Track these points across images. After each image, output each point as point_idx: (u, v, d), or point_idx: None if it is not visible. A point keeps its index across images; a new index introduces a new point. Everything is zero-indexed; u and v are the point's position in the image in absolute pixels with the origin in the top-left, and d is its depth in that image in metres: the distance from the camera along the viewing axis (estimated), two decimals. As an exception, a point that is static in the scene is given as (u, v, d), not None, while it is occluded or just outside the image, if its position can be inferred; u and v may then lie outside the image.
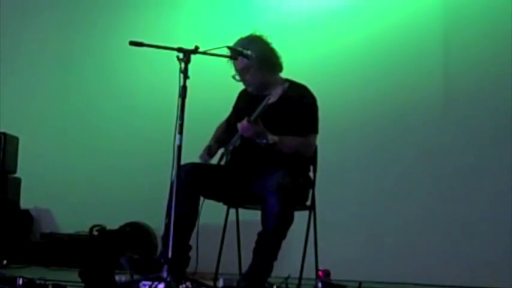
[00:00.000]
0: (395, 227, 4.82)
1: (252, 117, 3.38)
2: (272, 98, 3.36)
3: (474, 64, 4.85)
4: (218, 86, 4.94)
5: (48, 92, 5.90)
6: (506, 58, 4.75)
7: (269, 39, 3.66)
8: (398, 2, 5.12)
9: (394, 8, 5.10)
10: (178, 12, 5.67)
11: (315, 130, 3.60)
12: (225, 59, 3.55)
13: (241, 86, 3.80)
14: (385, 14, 5.12)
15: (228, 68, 3.67)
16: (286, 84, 3.48)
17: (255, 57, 3.49)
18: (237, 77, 3.65)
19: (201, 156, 3.71)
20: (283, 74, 3.70)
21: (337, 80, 5.08)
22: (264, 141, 3.40)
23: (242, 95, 3.85)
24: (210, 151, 3.75)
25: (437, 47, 4.95)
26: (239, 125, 3.45)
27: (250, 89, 3.68)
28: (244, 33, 3.63)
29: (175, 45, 3.07)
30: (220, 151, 3.78)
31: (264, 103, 3.36)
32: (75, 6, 5.96)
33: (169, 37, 3.95)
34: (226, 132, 3.80)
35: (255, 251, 3.32)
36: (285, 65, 3.68)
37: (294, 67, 3.76)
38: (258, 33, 3.64)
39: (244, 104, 3.72)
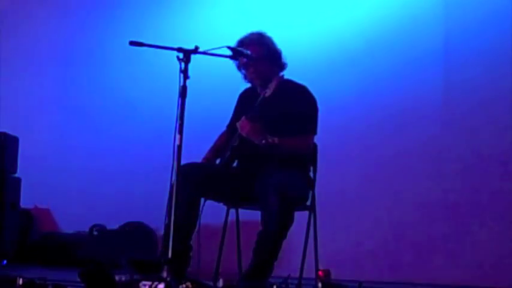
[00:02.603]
0: (396, 227, 4.82)
1: (250, 115, 3.39)
2: (268, 91, 3.37)
3: (474, 62, 4.84)
4: (218, 86, 4.96)
5: (48, 92, 5.90)
6: (507, 56, 4.75)
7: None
8: (399, 4, 5.11)
9: (394, 6, 5.09)
10: (178, 12, 5.67)
11: (313, 131, 3.60)
12: (225, 59, 3.56)
13: (241, 88, 3.80)
14: (386, 12, 5.11)
15: (228, 67, 3.67)
16: (282, 76, 3.48)
17: (258, 54, 3.51)
18: (243, 71, 3.66)
19: None
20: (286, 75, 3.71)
21: (337, 80, 5.07)
22: (264, 141, 3.40)
23: (242, 97, 3.85)
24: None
25: (437, 45, 4.94)
26: (238, 124, 3.46)
27: (254, 83, 3.67)
28: (244, 33, 3.65)
29: (175, 45, 3.07)
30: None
31: (260, 98, 3.37)
32: (75, 6, 5.95)
33: (169, 37, 3.94)
34: (227, 138, 3.79)
35: (255, 251, 3.32)
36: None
37: (292, 66, 3.76)
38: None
39: (244, 106, 3.71)
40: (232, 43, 3.56)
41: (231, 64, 3.67)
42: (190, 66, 3.04)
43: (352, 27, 5.16)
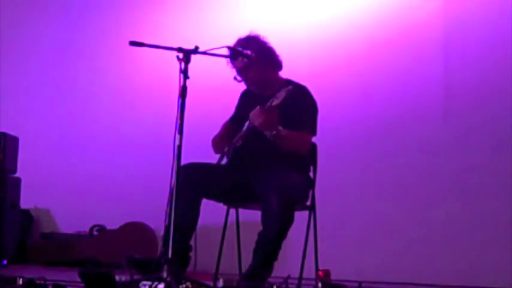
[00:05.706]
0: (396, 227, 4.82)
1: (267, 106, 3.34)
2: (276, 100, 3.34)
3: (475, 64, 4.84)
4: (218, 86, 4.96)
5: (48, 92, 5.90)
6: (507, 56, 4.74)
7: (267, 39, 3.67)
8: (399, 4, 5.11)
9: (395, 11, 5.09)
10: (178, 12, 5.66)
11: (313, 131, 3.59)
12: (225, 60, 3.56)
13: (242, 86, 3.80)
14: (386, 15, 5.11)
15: (228, 68, 3.67)
16: (291, 87, 3.43)
17: (255, 56, 3.49)
18: (238, 78, 3.65)
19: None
20: (284, 74, 3.70)
21: (337, 80, 5.07)
22: (274, 132, 3.37)
23: (244, 96, 3.83)
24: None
25: (437, 45, 4.94)
26: (251, 114, 3.40)
27: (252, 88, 3.67)
28: (243, 33, 3.65)
29: (175, 45, 3.07)
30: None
31: (267, 106, 3.34)
32: (75, 6, 5.96)
33: (169, 37, 3.94)
34: (232, 130, 3.76)
35: (255, 251, 3.32)
36: (285, 64, 3.69)
37: (294, 68, 3.76)
38: (255, 33, 3.65)
39: (246, 106, 3.70)
40: (232, 43, 3.56)
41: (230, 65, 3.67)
42: (190, 66, 3.05)
43: (352, 27, 5.16)
